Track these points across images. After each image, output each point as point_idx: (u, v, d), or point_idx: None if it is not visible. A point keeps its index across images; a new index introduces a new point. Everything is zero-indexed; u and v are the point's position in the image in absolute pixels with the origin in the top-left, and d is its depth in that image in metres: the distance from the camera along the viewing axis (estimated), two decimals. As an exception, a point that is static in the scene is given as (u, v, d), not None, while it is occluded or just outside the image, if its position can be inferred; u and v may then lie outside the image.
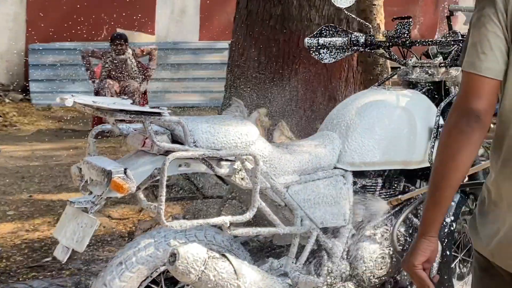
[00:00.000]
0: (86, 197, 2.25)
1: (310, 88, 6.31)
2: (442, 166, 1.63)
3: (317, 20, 6.18)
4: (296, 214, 2.52)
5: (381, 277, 2.79)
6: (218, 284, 2.27)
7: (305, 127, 6.36)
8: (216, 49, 11.02)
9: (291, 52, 6.26)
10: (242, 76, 6.51)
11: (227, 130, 2.37)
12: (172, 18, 11.21)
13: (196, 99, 10.54)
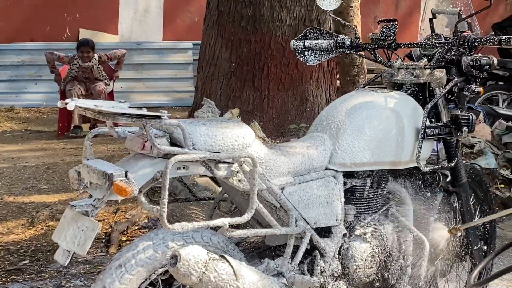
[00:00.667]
0: (86, 201, 2.24)
1: (282, 88, 6.37)
2: None
3: (288, 21, 6.25)
4: (291, 215, 2.55)
5: (371, 275, 2.84)
6: (218, 285, 2.29)
7: (277, 127, 6.42)
8: (180, 49, 11.00)
9: (263, 52, 6.32)
10: (213, 76, 6.53)
11: (224, 133, 2.39)
12: (136, 18, 11.15)
13: (160, 99, 10.50)
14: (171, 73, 10.78)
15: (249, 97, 6.36)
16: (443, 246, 3.02)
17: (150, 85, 10.65)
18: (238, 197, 2.64)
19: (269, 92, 6.35)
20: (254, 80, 6.35)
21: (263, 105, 6.34)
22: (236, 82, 6.39)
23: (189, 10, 11.31)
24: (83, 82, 8.12)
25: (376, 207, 2.94)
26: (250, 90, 6.35)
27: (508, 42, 2.73)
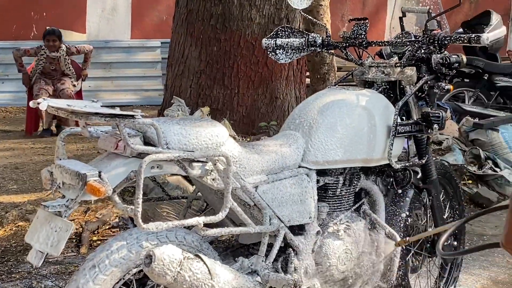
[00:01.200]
0: (59, 201, 2.22)
1: (252, 86, 6.38)
2: None
3: (257, 19, 6.25)
4: (265, 213, 2.55)
5: (344, 272, 2.86)
6: (193, 285, 2.29)
7: (247, 125, 6.43)
8: (148, 48, 10.94)
9: (232, 51, 6.31)
10: (183, 75, 6.51)
11: (198, 132, 2.38)
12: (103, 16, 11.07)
13: (129, 97, 10.45)
14: (139, 72, 10.72)
15: (219, 95, 6.35)
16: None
17: (119, 83, 10.58)
18: (212, 196, 2.64)
19: (239, 90, 6.35)
20: (224, 78, 6.34)
21: (233, 103, 6.34)
22: (206, 81, 6.37)
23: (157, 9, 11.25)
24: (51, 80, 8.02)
25: (349, 204, 2.96)
26: (220, 88, 6.34)
27: (478, 40, 2.77)
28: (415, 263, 3.45)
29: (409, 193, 3.21)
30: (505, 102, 8.37)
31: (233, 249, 2.81)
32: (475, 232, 4.95)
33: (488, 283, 4.01)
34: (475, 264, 4.31)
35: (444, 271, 3.64)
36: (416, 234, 3.39)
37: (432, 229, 3.42)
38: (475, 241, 4.74)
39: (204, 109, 6.03)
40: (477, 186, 5.71)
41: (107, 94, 10.28)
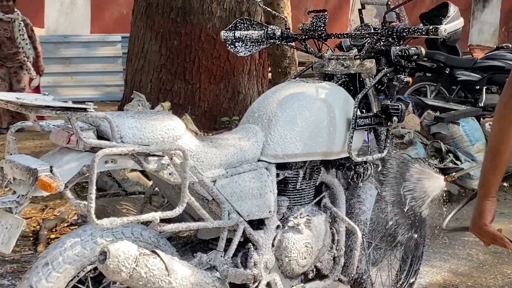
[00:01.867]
0: (9, 197, 2.15)
1: (213, 81, 6.32)
2: (501, 133, 1.82)
3: (218, 12, 6.19)
4: (223, 207, 2.51)
5: (305, 266, 2.83)
6: (149, 281, 2.24)
7: (209, 120, 6.37)
8: (108, 42, 10.81)
9: (193, 45, 6.24)
10: (143, 69, 6.43)
11: (153, 125, 2.33)
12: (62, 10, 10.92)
13: (90, 93, 10.31)
14: (99, 67, 10.59)
15: (180, 90, 6.28)
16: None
17: (79, 79, 10.44)
18: (169, 190, 2.58)
19: (200, 85, 6.28)
20: (185, 73, 6.27)
21: (194, 98, 6.27)
22: (166, 75, 6.30)
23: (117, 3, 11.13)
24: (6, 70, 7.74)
25: (309, 198, 2.93)
26: (181, 83, 6.27)
27: (435, 32, 2.75)
28: (376, 256, 3.44)
29: (370, 189, 3.20)
30: (466, 96, 8.43)
31: (192, 244, 2.77)
32: (436, 225, 4.96)
33: (449, 275, 4.02)
34: (436, 256, 4.32)
35: (405, 264, 3.64)
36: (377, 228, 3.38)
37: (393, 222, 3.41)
38: (436, 234, 4.75)
39: (165, 104, 5.95)
40: (439, 179, 5.72)
41: (67, 90, 10.14)
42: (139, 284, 2.23)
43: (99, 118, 2.18)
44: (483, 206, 1.89)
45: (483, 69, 8.42)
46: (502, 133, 1.83)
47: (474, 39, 14.26)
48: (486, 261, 4.27)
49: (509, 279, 3.99)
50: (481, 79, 8.33)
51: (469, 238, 4.68)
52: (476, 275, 4.04)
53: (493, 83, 8.41)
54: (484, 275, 4.03)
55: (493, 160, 1.86)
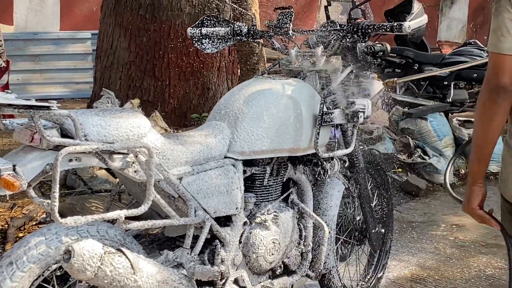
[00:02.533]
0: (-28, 197, 2.14)
1: (183, 78, 6.31)
2: (483, 129, 2.05)
3: (187, 9, 6.18)
4: (190, 205, 2.51)
5: (272, 262, 2.84)
6: (115, 280, 2.23)
7: (179, 117, 6.35)
8: (78, 39, 10.70)
9: (162, 41, 6.23)
10: (112, 66, 6.39)
11: (118, 123, 2.31)
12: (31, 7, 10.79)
13: (60, 90, 10.20)
14: (69, 64, 10.48)
15: (150, 87, 6.26)
16: None
17: (49, 76, 10.32)
18: (136, 188, 2.57)
19: (170, 82, 6.27)
20: (155, 70, 6.25)
21: (164, 95, 6.26)
22: (136, 72, 6.27)
23: None
24: None
25: (276, 194, 2.94)
26: (151, 80, 6.25)
27: (400, 28, 2.78)
28: (344, 251, 3.47)
29: (336, 185, 3.22)
30: (435, 91, 8.50)
31: (159, 242, 2.76)
32: (404, 219, 5.02)
33: (416, 269, 4.06)
34: (403, 250, 4.36)
35: (373, 259, 3.67)
36: (345, 223, 3.41)
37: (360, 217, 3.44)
38: (404, 228, 4.79)
39: (134, 101, 5.93)
40: (407, 174, 5.79)
41: (36, 87, 10.02)
42: (105, 283, 2.22)
43: (63, 116, 2.17)
44: (470, 192, 2.14)
45: (451, 65, 8.50)
46: (483, 129, 2.05)
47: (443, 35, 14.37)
48: (453, 254, 4.32)
49: (476, 272, 4.04)
50: (449, 75, 8.40)
51: (436, 232, 4.73)
52: (443, 268, 4.09)
53: (460, 79, 8.49)
54: (451, 269, 4.08)
55: (477, 153, 2.10)
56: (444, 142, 6.17)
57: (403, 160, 5.90)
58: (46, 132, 2.11)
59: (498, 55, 1.98)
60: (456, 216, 5.11)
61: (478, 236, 4.67)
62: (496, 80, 1.98)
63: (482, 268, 4.09)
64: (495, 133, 2.05)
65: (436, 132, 6.18)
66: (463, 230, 4.79)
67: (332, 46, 3.04)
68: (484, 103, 2.02)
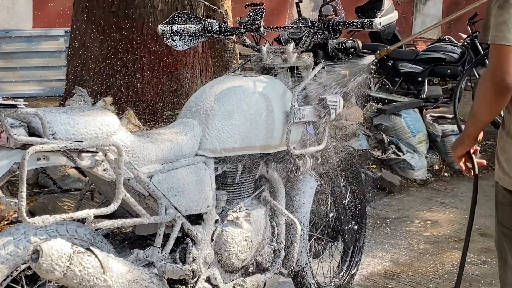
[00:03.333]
0: None
1: (156, 75, 6.26)
2: (485, 113, 2.17)
3: (160, 6, 6.14)
4: (160, 203, 2.49)
5: (244, 260, 2.83)
6: (84, 279, 2.20)
7: (153, 114, 6.30)
8: (51, 37, 10.60)
9: (135, 39, 6.17)
10: (85, 64, 6.33)
11: (87, 121, 2.29)
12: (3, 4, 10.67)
13: (33, 88, 10.11)
14: (43, 62, 10.39)
15: (123, 84, 6.20)
16: None
17: (22, 74, 10.22)
18: (106, 187, 2.55)
19: (143, 79, 6.22)
20: (128, 67, 6.20)
21: (137, 93, 6.20)
22: (108, 70, 6.21)
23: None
24: None
25: (248, 191, 2.93)
26: (124, 78, 6.19)
27: (370, 25, 2.78)
28: (318, 248, 3.47)
29: (309, 182, 3.22)
30: (409, 87, 8.55)
31: (130, 241, 2.74)
32: (379, 215, 5.03)
33: (390, 265, 4.08)
34: (377, 246, 4.38)
35: (347, 255, 3.67)
36: (318, 220, 3.41)
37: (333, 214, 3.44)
38: (378, 224, 4.81)
39: (107, 99, 5.88)
40: (381, 170, 5.81)
41: (9, 85, 9.92)
42: (74, 283, 2.19)
43: (30, 114, 2.14)
44: (461, 142, 2.38)
45: (425, 61, 8.55)
46: (486, 113, 2.17)
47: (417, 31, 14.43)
48: (427, 250, 4.34)
49: (449, 267, 4.06)
50: (423, 70, 8.46)
51: (410, 228, 4.76)
52: (417, 264, 4.10)
53: (435, 75, 8.55)
54: (424, 265, 4.10)
55: (475, 122, 2.25)
56: (418, 138, 6.20)
57: (377, 156, 5.92)
58: (13, 131, 2.08)
59: (506, 47, 2.01)
60: (429, 212, 5.14)
61: (451, 232, 4.70)
62: (502, 74, 2.03)
63: (455, 264, 4.11)
64: (492, 116, 2.19)
65: (410, 128, 6.21)
66: (437, 226, 4.82)
67: (304, 42, 3.03)
68: (489, 96, 2.09)
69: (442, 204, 5.36)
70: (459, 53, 8.47)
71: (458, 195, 5.62)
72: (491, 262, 4.15)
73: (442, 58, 8.51)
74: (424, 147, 6.19)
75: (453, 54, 8.53)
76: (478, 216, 4.96)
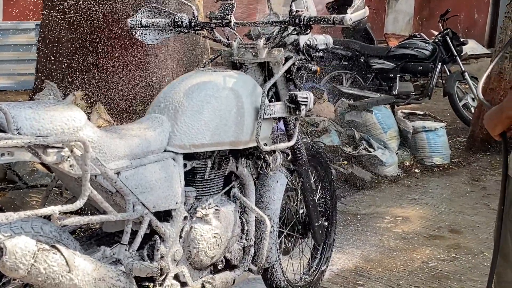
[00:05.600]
0: None
1: (127, 70, 6.20)
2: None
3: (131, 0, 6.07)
4: (128, 200, 2.45)
5: (213, 257, 2.81)
6: (49, 277, 2.17)
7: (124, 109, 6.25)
8: (21, 30, 10.47)
9: (106, 33, 6.10)
10: (55, 57, 6.25)
11: (53, 116, 2.24)
12: (-28, -3, 10.51)
13: (3, 82, 9.98)
14: (12, 55, 10.25)
15: (93, 79, 6.13)
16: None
17: (-9, 67, 10.09)
18: (73, 183, 2.50)
19: (114, 74, 6.15)
20: (98, 62, 6.13)
21: (108, 87, 6.14)
22: (79, 64, 6.14)
23: (31, -11, 10.79)
24: None
25: (218, 188, 2.91)
26: (94, 72, 6.13)
27: (341, 21, 2.76)
28: (288, 245, 3.45)
29: (279, 178, 3.20)
30: (381, 83, 8.58)
31: (97, 238, 2.70)
32: (349, 212, 5.04)
33: (360, 262, 4.08)
34: (348, 243, 4.38)
35: (317, 252, 3.67)
36: (288, 216, 3.39)
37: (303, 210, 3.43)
38: (349, 221, 4.81)
39: (77, 93, 5.82)
40: (352, 166, 5.81)
41: (-22, 79, 9.79)
42: (38, 281, 2.16)
43: (-7, 109, 2.09)
44: (495, 121, 2.24)
45: (396, 57, 8.60)
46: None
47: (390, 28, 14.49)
48: (397, 246, 4.35)
49: (419, 264, 4.07)
50: (395, 67, 8.50)
51: (380, 225, 4.76)
52: (387, 261, 4.11)
53: (406, 71, 8.59)
54: (394, 261, 4.11)
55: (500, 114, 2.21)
56: (389, 134, 6.21)
57: (348, 152, 5.93)
58: (-24, 127, 2.04)
59: None
60: (400, 208, 5.16)
61: (422, 228, 4.71)
62: None
63: (425, 260, 4.12)
64: None
65: (381, 124, 6.23)
66: (407, 222, 4.83)
67: (274, 38, 3.01)
68: None
69: (413, 200, 5.38)
70: (431, 50, 8.52)
71: (429, 191, 5.64)
72: (460, 259, 4.17)
73: (414, 55, 8.55)
74: (395, 143, 6.21)
75: (424, 51, 8.57)
76: (448, 212, 5.04)
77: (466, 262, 4.12)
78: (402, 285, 3.77)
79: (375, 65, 8.60)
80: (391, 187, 5.73)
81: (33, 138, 2.11)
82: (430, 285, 3.78)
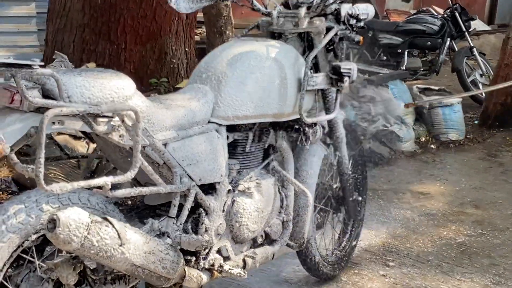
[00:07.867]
0: None
1: (139, 41, 6.10)
2: None
3: (145, -31, 5.95)
4: (175, 172, 2.37)
5: (255, 231, 2.74)
6: (102, 250, 2.09)
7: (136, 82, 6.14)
8: (21, 1, 10.28)
9: (118, 3, 5.99)
10: (64, 29, 6.14)
11: (102, 84, 2.16)
12: (-29, -34, 10.30)
13: (2, 54, 9.81)
14: (12, 27, 10.08)
15: (105, 50, 6.03)
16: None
17: (-10, 39, 9.93)
18: (116, 154, 2.43)
19: (126, 46, 6.05)
20: (110, 33, 6.02)
21: (120, 59, 6.04)
22: (90, 35, 6.03)
23: (31, -42, 10.59)
24: None
25: (258, 161, 2.84)
26: (106, 43, 6.02)
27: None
28: (320, 220, 3.39)
29: (317, 149, 3.13)
30: (388, 59, 8.50)
31: (138, 210, 2.63)
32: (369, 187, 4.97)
33: (387, 238, 4.03)
34: (373, 219, 4.32)
35: (347, 227, 3.61)
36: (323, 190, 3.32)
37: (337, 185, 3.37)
38: (370, 196, 4.76)
39: (90, 65, 5.71)
40: (369, 142, 5.75)
41: (-23, 51, 9.64)
42: (91, 253, 2.08)
43: (45, 75, 2.01)
44: None
45: (404, 32, 8.51)
46: None
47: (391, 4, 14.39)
48: (422, 223, 4.31)
49: (446, 240, 4.03)
50: (403, 42, 8.42)
51: (403, 200, 4.71)
52: (414, 237, 4.06)
53: (414, 47, 8.51)
54: (421, 237, 4.06)
55: None
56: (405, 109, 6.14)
57: (365, 127, 5.86)
58: (28, 93, 1.95)
59: None
60: (420, 184, 5.10)
61: (444, 204, 4.67)
62: None
63: (452, 236, 4.08)
64: None
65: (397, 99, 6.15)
66: (429, 198, 4.78)
67: (316, 7, 2.92)
68: None
69: (432, 176, 5.33)
70: (439, 25, 8.44)
71: (447, 167, 5.59)
72: (487, 235, 4.13)
73: (422, 30, 8.47)
74: (411, 118, 6.14)
75: (433, 26, 8.49)
76: (469, 188, 4.99)
77: (493, 238, 4.08)
78: (432, 261, 3.72)
79: (383, 40, 8.52)
80: (409, 162, 5.68)
81: (88, 106, 2.04)
82: (460, 261, 3.73)
